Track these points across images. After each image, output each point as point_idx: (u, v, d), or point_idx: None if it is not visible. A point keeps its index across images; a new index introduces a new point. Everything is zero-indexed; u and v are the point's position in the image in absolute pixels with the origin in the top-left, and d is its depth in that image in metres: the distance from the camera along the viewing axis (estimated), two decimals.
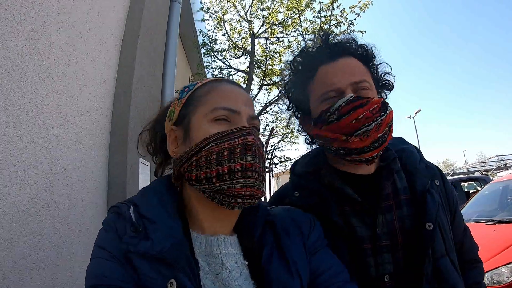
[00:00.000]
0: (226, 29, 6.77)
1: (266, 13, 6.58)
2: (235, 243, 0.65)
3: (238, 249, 0.65)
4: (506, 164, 11.52)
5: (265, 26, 6.64)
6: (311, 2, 6.05)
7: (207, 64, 6.98)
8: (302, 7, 6.08)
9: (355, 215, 0.81)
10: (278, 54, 6.82)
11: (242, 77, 7.28)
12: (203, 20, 6.56)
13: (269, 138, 8.07)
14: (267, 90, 7.44)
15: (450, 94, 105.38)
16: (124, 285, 0.54)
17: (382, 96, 0.90)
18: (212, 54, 6.73)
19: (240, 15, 6.77)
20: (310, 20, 6.25)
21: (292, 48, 6.64)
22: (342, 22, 5.97)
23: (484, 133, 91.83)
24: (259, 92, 7.06)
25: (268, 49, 6.67)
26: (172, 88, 2.79)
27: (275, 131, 9.30)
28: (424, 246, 0.77)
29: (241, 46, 6.91)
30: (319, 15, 5.98)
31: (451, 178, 9.20)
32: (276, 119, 9.09)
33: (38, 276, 1.24)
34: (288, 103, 0.93)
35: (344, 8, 5.95)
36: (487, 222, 3.46)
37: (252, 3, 6.59)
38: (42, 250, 1.28)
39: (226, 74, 6.92)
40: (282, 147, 10.57)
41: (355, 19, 5.93)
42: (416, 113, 23.32)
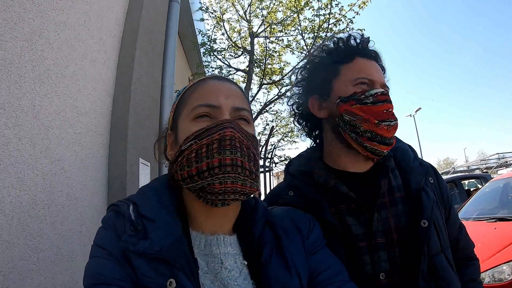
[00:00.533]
0: (225, 28, 6.76)
1: (265, 12, 6.56)
2: (234, 242, 0.65)
3: (237, 248, 0.64)
4: (507, 162, 11.49)
5: (264, 25, 6.62)
6: (310, 1, 6.03)
7: (207, 63, 6.97)
8: (301, 5, 6.06)
9: (350, 214, 0.82)
10: (278, 53, 6.81)
11: (242, 76, 7.28)
12: (202, 19, 6.55)
13: (269, 137, 8.05)
14: (266, 89, 7.43)
15: (450, 92, 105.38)
16: (123, 284, 0.54)
17: None
18: (212, 54, 6.72)
19: (239, 15, 6.76)
20: (309, 19, 6.23)
21: (292, 47, 6.64)
22: (341, 20, 5.96)
23: (485, 131, 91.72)
24: (258, 91, 7.05)
25: (267, 48, 6.64)
26: (171, 88, 2.79)
27: (275, 130, 9.29)
28: (420, 243, 0.78)
29: (240, 46, 6.90)
30: (318, 13, 5.96)
31: (451, 176, 9.19)
32: (276, 118, 9.09)
33: (39, 277, 1.24)
34: (300, 82, 0.98)
35: (342, 6, 5.93)
36: (488, 220, 3.47)
37: (251, 2, 6.57)
38: (42, 251, 1.28)
39: (226, 74, 6.91)
40: (282, 146, 10.57)
41: (354, 17, 5.90)
42: (416, 111, 23.29)
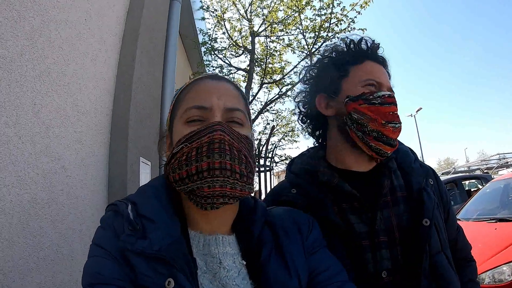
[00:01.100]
0: (226, 27, 6.74)
1: (266, 11, 6.54)
2: (233, 242, 0.65)
3: (236, 248, 0.64)
4: (508, 162, 11.48)
5: (265, 24, 6.60)
6: (311, 0, 6.02)
7: (207, 62, 6.96)
8: (302, 5, 6.04)
9: (353, 212, 0.83)
10: (279, 53, 6.80)
11: (243, 75, 7.27)
12: (203, 18, 6.54)
13: (269, 137, 8.05)
14: (267, 88, 7.42)
15: (450, 92, 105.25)
16: (121, 283, 0.54)
17: None
18: (212, 53, 6.71)
19: (240, 14, 6.74)
20: (310, 18, 6.22)
21: (293, 46, 6.63)
22: (343, 20, 5.95)
23: (485, 131, 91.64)
24: (259, 90, 7.04)
25: (268, 47, 6.63)
26: (172, 87, 2.79)
27: (275, 129, 9.29)
28: (422, 242, 0.79)
29: (241, 45, 6.88)
30: (319, 13, 5.95)
31: (452, 176, 9.18)
32: (277, 117, 9.08)
33: (39, 276, 1.25)
34: (309, 80, 0.99)
35: (344, 6, 5.92)
36: (488, 221, 3.46)
37: (252, 1, 6.56)
38: (42, 250, 1.28)
39: (227, 73, 6.90)
40: (283, 145, 10.57)
41: (355, 17, 5.88)
42: (417, 111, 23.23)
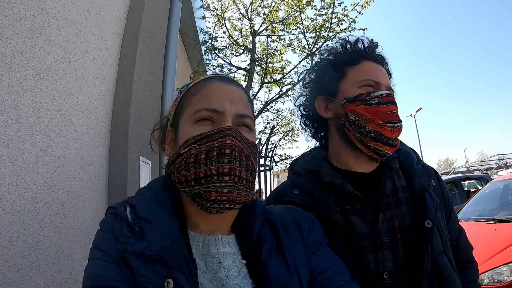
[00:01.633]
0: (226, 26, 6.73)
1: (267, 10, 6.52)
2: (233, 242, 0.65)
3: (236, 248, 0.64)
4: (507, 163, 11.51)
5: (265, 23, 6.59)
6: (312, 0, 6.02)
7: (208, 62, 6.96)
8: (303, 4, 6.03)
9: (355, 213, 0.83)
10: (279, 52, 6.79)
11: (243, 75, 7.26)
12: (203, 17, 6.53)
13: (269, 136, 8.05)
14: (267, 88, 7.41)
15: (450, 92, 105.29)
16: (121, 285, 0.54)
17: None
18: (213, 52, 6.70)
19: (240, 13, 6.72)
20: (311, 18, 6.22)
21: (293, 45, 6.62)
22: (344, 20, 5.94)
23: (485, 131, 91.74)
24: (259, 90, 7.03)
25: (269, 46, 6.63)
26: (172, 86, 2.78)
27: (275, 129, 9.29)
28: (424, 243, 0.79)
29: (241, 44, 6.87)
30: (320, 13, 5.94)
31: (452, 176, 9.19)
32: (277, 117, 9.09)
33: (38, 275, 1.24)
34: (307, 83, 0.99)
35: (345, 6, 5.92)
36: (487, 221, 3.47)
37: (252, 0, 6.55)
38: (42, 249, 1.28)
39: (227, 72, 6.89)
40: (283, 145, 10.59)
41: (356, 17, 5.88)
42: (417, 111, 23.23)
